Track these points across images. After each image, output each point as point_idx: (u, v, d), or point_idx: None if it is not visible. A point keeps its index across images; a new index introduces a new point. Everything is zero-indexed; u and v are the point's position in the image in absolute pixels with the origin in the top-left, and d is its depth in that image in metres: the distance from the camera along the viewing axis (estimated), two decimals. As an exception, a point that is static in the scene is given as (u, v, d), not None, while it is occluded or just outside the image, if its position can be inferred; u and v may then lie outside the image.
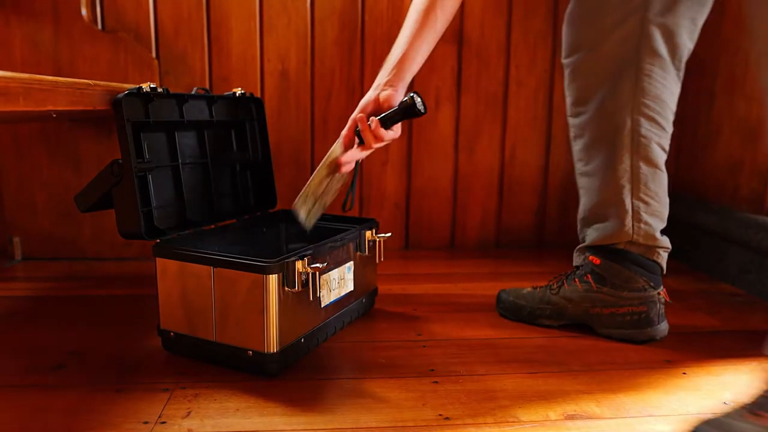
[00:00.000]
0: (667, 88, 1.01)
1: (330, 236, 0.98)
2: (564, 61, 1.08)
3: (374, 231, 1.09)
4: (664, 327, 1.02)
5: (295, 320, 0.88)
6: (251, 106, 1.18)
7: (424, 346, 0.99)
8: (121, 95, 0.88)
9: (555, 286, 1.08)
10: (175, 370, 0.88)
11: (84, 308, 1.15)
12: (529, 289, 1.12)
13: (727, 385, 0.87)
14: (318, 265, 0.87)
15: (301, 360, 0.92)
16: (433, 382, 0.86)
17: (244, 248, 1.12)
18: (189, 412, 0.77)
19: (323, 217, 1.19)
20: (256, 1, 1.47)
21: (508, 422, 0.76)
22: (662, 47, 0.98)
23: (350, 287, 1.03)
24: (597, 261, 1.04)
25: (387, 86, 0.95)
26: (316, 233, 1.10)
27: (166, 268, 0.90)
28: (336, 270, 0.98)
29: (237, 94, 1.14)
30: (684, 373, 0.90)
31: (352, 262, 1.03)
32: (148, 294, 1.21)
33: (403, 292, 1.27)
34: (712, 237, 1.41)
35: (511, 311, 1.11)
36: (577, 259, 1.09)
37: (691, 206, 1.49)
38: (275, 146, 1.50)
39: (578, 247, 1.10)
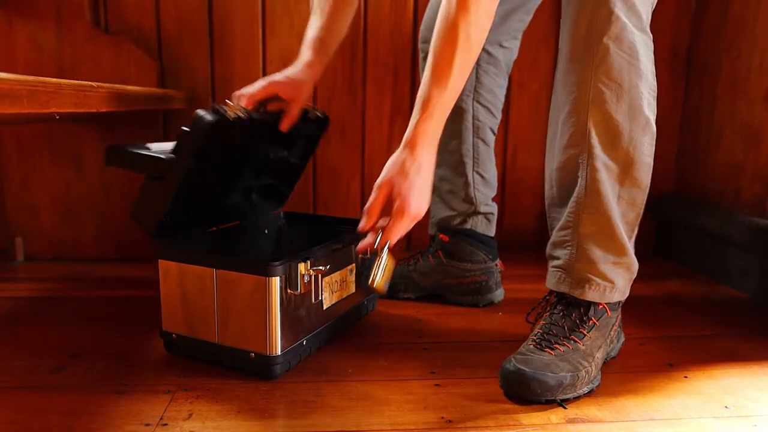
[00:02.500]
0: (497, 83, 1.19)
1: (332, 238, 0.98)
2: (421, 45, 1.19)
3: (376, 233, 1.09)
4: (500, 293, 1.20)
5: (298, 322, 0.88)
6: (314, 125, 1.10)
7: (426, 349, 0.99)
8: (208, 116, 0.82)
9: (411, 262, 1.23)
10: (176, 371, 0.88)
11: (85, 309, 1.15)
12: None
13: (729, 388, 0.87)
14: (320, 267, 0.87)
15: (303, 362, 0.92)
16: (435, 384, 0.86)
17: (246, 250, 1.13)
18: (190, 414, 0.77)
19: (324, 218, 1.19)
20: (259, 4, 1.48)
21: (509, 426, 0.76)
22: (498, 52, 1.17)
23: (352, 289, 1.03)
24: (446, 239, 1.20)
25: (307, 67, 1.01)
26: (318, 235, 1.10)
27: (169, 270, 0.90)
28: (338, 272, 0.98)
29: (309, 115, 1.05)
30: (685, 377, 0.90)
31: (354, 264, 1.03)
32: (150, 295, 1.21)
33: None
34: (714, 240, 1.41)
35: None
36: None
37: (693, 209, 1.49)
38: (277, 148, 1.50)
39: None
